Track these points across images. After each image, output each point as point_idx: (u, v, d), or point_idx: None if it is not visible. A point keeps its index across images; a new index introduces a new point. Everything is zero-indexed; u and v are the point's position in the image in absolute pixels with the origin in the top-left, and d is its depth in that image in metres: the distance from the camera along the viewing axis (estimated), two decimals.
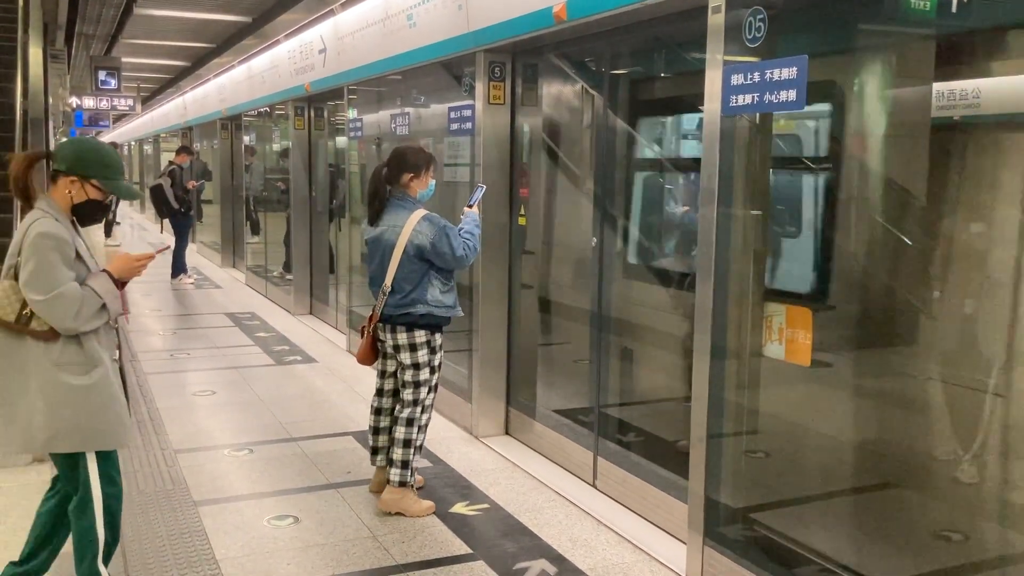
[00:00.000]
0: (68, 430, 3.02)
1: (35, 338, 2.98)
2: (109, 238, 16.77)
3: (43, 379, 2.99)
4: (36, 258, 2.94)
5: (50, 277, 2.94)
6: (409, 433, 4.33)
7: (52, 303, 2.93)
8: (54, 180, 3.14)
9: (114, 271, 3.15)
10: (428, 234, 4.21)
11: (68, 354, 3.02)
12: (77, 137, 3.57)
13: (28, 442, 3.04)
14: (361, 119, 8.00)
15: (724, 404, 3.68)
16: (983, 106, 3.35)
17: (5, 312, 2.97)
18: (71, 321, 2.97)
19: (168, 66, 15.06)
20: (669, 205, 5.31)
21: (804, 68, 3.07)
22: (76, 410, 3.02)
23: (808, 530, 3.74)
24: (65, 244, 3.00)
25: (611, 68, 5.06)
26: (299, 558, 3.85)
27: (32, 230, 2.97)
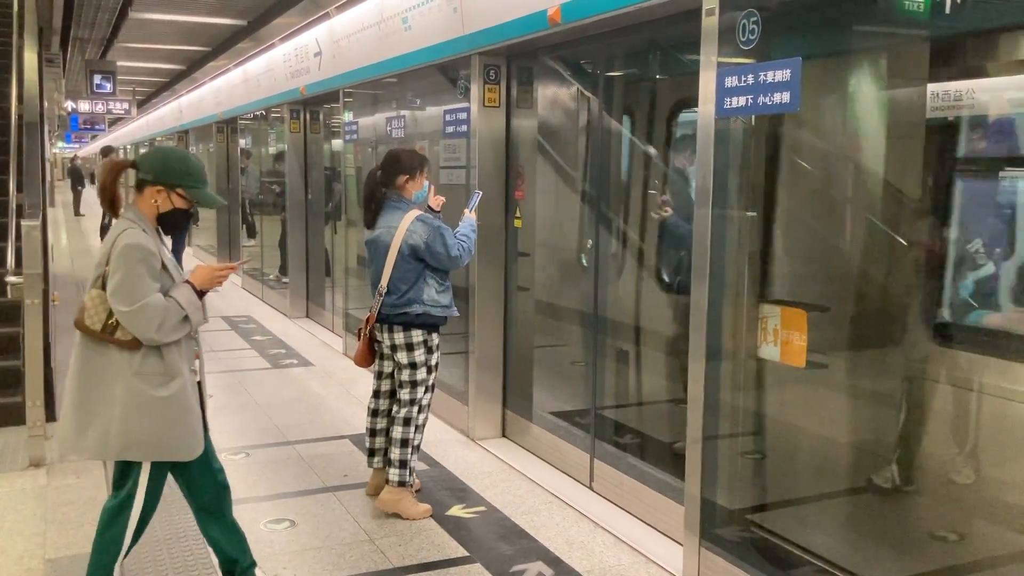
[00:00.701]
0: (142, 440, 3.04)
1: (118, 347, 3.02)
2: None
3: (123, 388, 3.01)
4: (123, 269, 2.98)
5: (136, 289, 2.98)
6: (406, 433, 4.34)
7: (137, 314, 2.97)
8: (139, 190, 3.16)
9: (196, 282, 3.17)
10: (422, 234, 4.23)
11: (149, 364, 3.04)
12: (161, 146, 3.59)
13: (102, 449, 3.07)
14: (357, 122, 8.00)
15: (720, 405, 3.69)
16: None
17: (92, 321, 3.02)
18: (154, 332, 2.99)
19: (163, 70, 15.06)
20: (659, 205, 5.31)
21: (798, 70, 3.07)
22: (152, 420, 3.03)
23: (804, 531, 3.75)
24: (151, 256, 3.03)
25: (606, 70, 5.07)
26: (296, 562, 3.85)
27: (120, 241, 3.01)
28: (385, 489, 4.36)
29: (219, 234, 14.51)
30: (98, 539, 3.17)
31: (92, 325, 3.02)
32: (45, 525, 4.09)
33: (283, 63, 9.51)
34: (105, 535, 3.15)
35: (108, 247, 3.05)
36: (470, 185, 5.57)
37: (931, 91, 3.61)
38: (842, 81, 3.82)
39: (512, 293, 5.62)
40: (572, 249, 5.91)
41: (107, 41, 11.72)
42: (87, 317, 3.03)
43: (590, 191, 5.12)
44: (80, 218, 23.91)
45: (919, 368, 3.75)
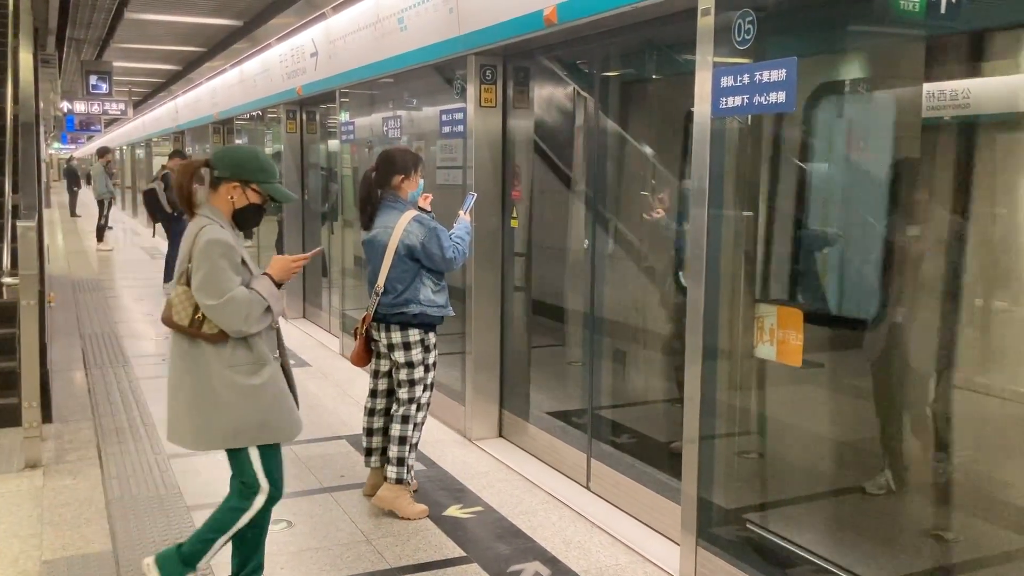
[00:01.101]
0: (245, 426, 3.16)
1: (207, 341, 3.11)
2: (101, 243, 16.72)
3: (218, 380, 3.12)
4: (207, 264, 3.07)
5: (220, 282, 3.06)
6: (405, 430, 4.34)
7: (223, 307, 3.05)
8: (215, 187, 3.22)
9: (274, 273, 3.28)
10: (418, 234, 4.24)
11: (238, 355, 3.14)
12: (234, 144, 3.63)
13: (211, 440, 3.19)
14: (353, 122, 8.00)
15: (716, 405, 3.69)
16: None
17: (179, 316, 3.11)
18: (241, 324, 3.09)
19: (159, 70, 15.04)
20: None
21: (793, 70, 3.08)
22: (251, 407, 3.15)
23: (801, 530, 3.75)
24: (232, 250, 3.12)
25: (602, 70, 5.07)
26: (293, 562, 3.85)
27: (201, 237, 3.09)
28: (383, 486, 4.36)
29: None
30: (210, 522, 3.26)
31: (180, 320, 3.11)
32: (41, 527, 4.08)
33: (279, 63, 9.51)
34: (219, 520, 3.26)
35: (189, 244, 3.13)
36: (467, 185, 5.57)
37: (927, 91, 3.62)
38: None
39: (509, 293, 5.62)
40: (570, 249, 5.91)
41: (103, 41, 11.71)
42: (174, 313, 3.12)
43: (587, 191, 5.12)
44: (76, 219, 23.89)
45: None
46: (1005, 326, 3.39)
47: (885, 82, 3.78)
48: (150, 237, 18.75)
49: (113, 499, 4.46)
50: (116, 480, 4.73)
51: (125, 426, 5.71)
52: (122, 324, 9.30)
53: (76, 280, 12.39)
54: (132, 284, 12.42)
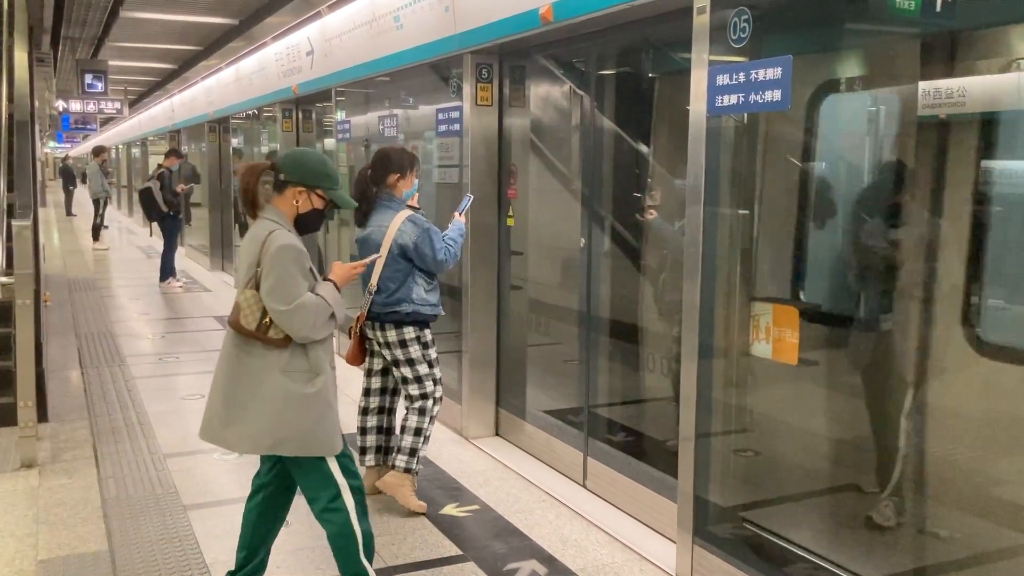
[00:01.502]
0: (292, 435, 3.11)
1: (268, 345, 3.10)
2: (97, 242, 16.70)
3: (272, 385, 3.09)
4: (278, 270, 3.05)
5: (291, 288, 3.06)
6: (422, 422, 4.39)
7: (293, 313, 3.05)
8: (280, 190, 3.21)
9: (337, 279, 3.25)
10: (411, 234, 4.25)
11: (295, 362, 3.12)
12: (301, 149, 3.61)
13: (254, 444, 3.15)
14: (349, 121, 7.99)
15: (713, 403, 3.69)
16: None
17: (247, 320, 3.10)
18: (309, 330, 3.08)
19: (155, 69, 15.01)
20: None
21: (789, 68, 3.08)
22: (300, 416, 3.11)
23: (797, 527, 3.75)
24: (303, 256, 3.12)
25: (598, 69, 5.07)
26: (289, 561, 3.85)
27: (272, 242, 3.07)
28: (390, 473, 4.41)
29: (211, 234, 14.47)
30: (333, 543, 3.23)
31: (248, 325, 3.10)
32: (37, 526, 4.08)
33: (275, 62, 9.49)
34: (339, 537, 3.21)
35: (257, 248, 3.09)
36: (463, 184, 5.57)
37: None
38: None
39: (505, 292, 5.62)
40: (565, 248, 5.90)
41: (98, 40, 11.68)
42: (243, 317, 3.10)
43: (583, 189, 5.12)
44: (72, 218, 23.85)
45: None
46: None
47: (880, 80, 3.79)
48: (146, 236, 18.73)
49: (109, 498, 4.46)
50: (112, 480, 4.73)
51: (121, 425, 5.71)
52: (118, 323, 9.28)
53: (72, 279, 12.37)
54: (128, 283, 12.40)
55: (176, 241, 12.40)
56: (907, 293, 3.66)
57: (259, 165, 3.24)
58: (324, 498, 3.20)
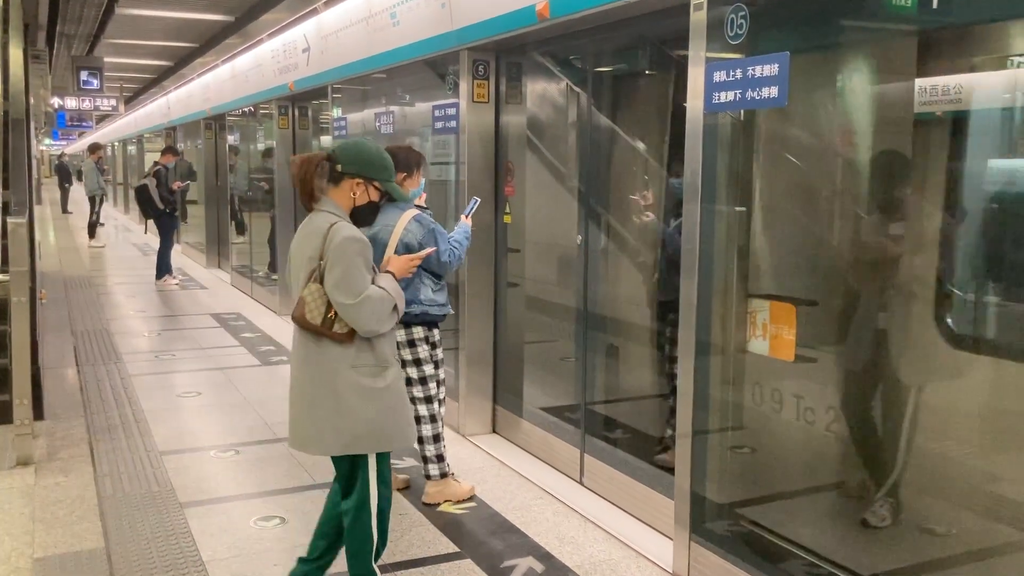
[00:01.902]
0: (368, 431, 3.08)
1: (334, 340, 3.04)
2: (93, 239, 16.67)
3: (343, 382, 3.05)
4: (344, 262, 3.00)
5: (357, 281, 3.00)
6: (435, 428, 4.45)
7: (360, 307, 2.99)
8: (336, 182, 3.16)
9: (396, 271, 3.23)
10: (417, 234, 4.24)
11: (362, 357, 3.08)
12: (357, 140, 3.55)
13: (329, 444, 3.10)
14: (346, 118, 7.98)
15: (709, 400, 3.69)
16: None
17: (312, 315, 3.03)
18: (376, 323, 3.04)
19: (151, 66, 14.98)
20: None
21: (786, 65, 3.08)
22: (374, 412, 3.08)
23: (794, 524, 3.76)
24: (367, 248, 3.08)
25: (595, 66, 5.07)
26: (286, 559, 3.84)
27: (336, 234, 3.02)
28: (428, 484, 4.48)
29: (208, 231, 14.46)
30: (348, 539, 3.21)
31: (313, 320, 3.03)
32: (33, 524, 4.07)
33: (271, 59, 9.48)
34: (354, 534, 3.18)
35: (320, 241, 3.03)
36: (460, 181, 5.56)
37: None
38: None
39: (502, 289, 5.62)
40: (564, 245, 5.90)
41: (94, 37, 11.64)
42: (307, 312, 3.03)
43: (580, 186, 5.12)
44: (68, 215, 23.81)
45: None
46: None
47: (877, 77, 3.78)
48: (142, 233, 18.70)
49: (105, 496, 4.45)
50: (108, 477, 4.72)
51: (117, 423, 5.70)
52: (114, 321, 9.27)
53: (68, 277, 12.35)
54: (124, 281, 12.38)
55: (172, 238, 12.39)
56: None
57: (316, 156, 3.17)
58: (359, 497, 3.17)
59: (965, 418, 3.47)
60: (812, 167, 3.98)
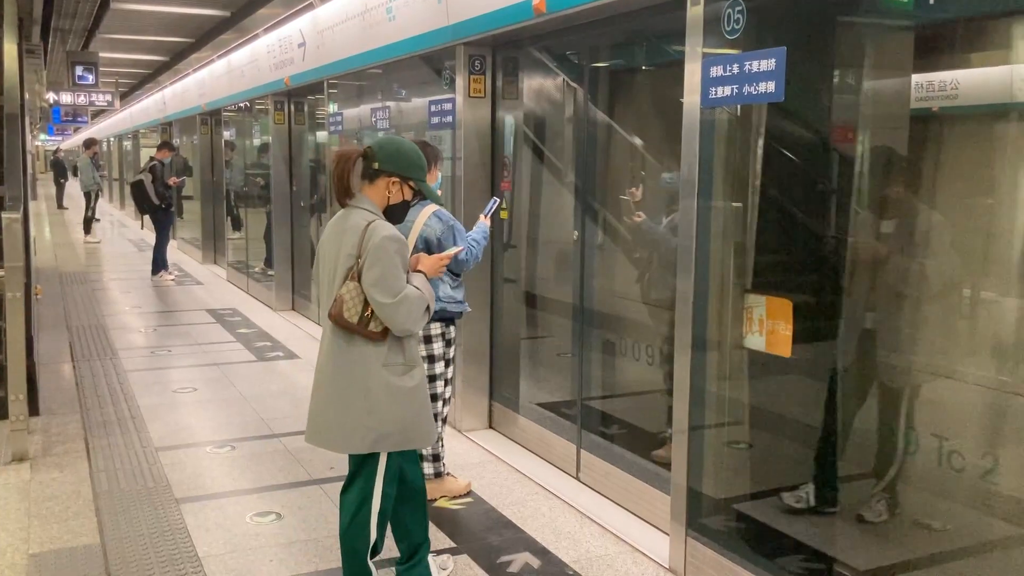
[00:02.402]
0: (395, 430, 3.09)
1: (368, 339, 3.04)
2: (88, 235, 16.63)
3: (374, 380, 3.06)
4: (383, 262, 2.99)
5: (396, 281, 3.01)
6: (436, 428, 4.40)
7: (397, 306, 3.00)
8: (372, 179, 3.15)
9: (427, 270, 3.22)
10: (437, 229, 4.22)
11: (393, 355, 3.09)
12: (394, 138, 3.52)
13: (357, 442, 3.09)
14: (341, 113, 7.96)
15: (706, 396, 3.70)
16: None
17: (350, 313, 3.02)
18: (411, 323, 3.05)
19: (146, 61, 14.94)
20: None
21: (782, 60, 3.07)
22: (402, 410, 3.09)
23: (790, 519, 3.76)
24: (405, 247, 3.08)
25: (591, 61, 5.06)
26: (282, 554, 3.84)
27: (375, 233, 3.01)
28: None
29: (203, 227, 14.43)
30: (344, 532, 3.20)
31: (350, 318, 3.02)
32: (28, 520, 4.07)
33: (267, 54, 9.45)
34: (351, 530, 3.18)
35: (357, 238, 3.02)
36: (456, 177, 5.55)
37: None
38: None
39: (498, 285, 5.61)
40: (560, 240, 5.90)
41: (89, 32, 11.61)
42: (345, 310, 3.02)
43: (576, 181, 5.11)
44: (63, 211, 23.76)
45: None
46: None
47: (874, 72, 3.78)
48: (138, 229, 18.67)
49: (101, 492, 4.44)
50: (104, 473, 4.71)
51: (113, 419, 5.69)
52: (110, 317, 9.25)
53: (63, 273, 12.32)
54: (120, 277, 12.36)
55: (168, 234, 12.37)
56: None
57: (353, 152, 3.15)
58: (362, 493, 3.17)
59: None
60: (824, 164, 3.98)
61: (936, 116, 3.56)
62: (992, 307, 3.33)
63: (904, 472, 3.63)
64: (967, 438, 3.43)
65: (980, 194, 3.41)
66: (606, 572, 3.72)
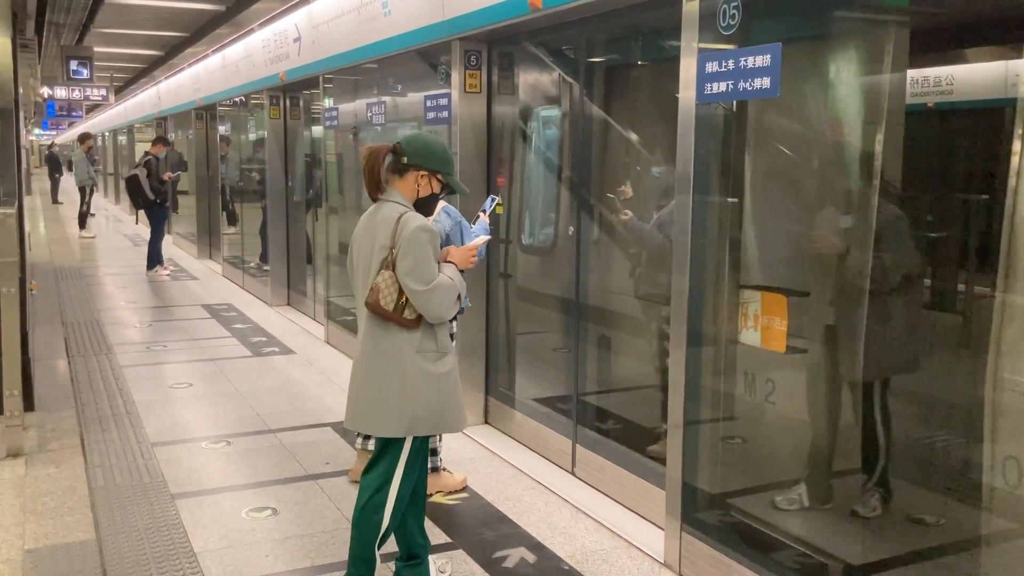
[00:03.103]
0: (428, 414, 3.18)
1: (402, 326, 3.14)
2: (83, 230, 16.59)
3: (408, 366, 3.15)
4: (416, 251, 3.09)
5: (429, 269, 3.11)
6: None
7: (431, 294, 3.10)
8: (401, 173, 3.22)
9: (458, 262, 3.29)
10: (446, 224, 4.22)
11: (426, 342, 3.18)
12: (422, 133, 3.54)
13: (392, 425, 3.17)
14: (337, 108, 7.94)
15: (701, 390, 3.70)
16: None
17: (386, 301, 3.11)
18: (443, 310, 3.15)
19: (141, 55, 14.89)
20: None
21: (778, 56, 3.07)
22: (434, 396, 3.18)
23: (784, 514, 3.77)
24: (436, 238, 3.17)
25: (587, 56, 5.05)
26: (278, 550, 3.84)
27: (408, 223, 3.10)
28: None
29: (199, 222, 14.41)
30: (358, 516, 3.24)
31: (386, 306, 3.11)
32: (24, 516, 4.06)
33: (262, 49, 9.42)
34: (366, 514, 3.23)
35: (390, 229, 3.11)
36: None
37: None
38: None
39: (494, 280, 5.61)
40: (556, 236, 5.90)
41: (83, 26, 11.56)
42: (382, 298, 3.11)
43: (572, 177, 5.11)
44: (58, 206, 23.69)
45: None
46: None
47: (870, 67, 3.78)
48: (133, 224, 18.63)
49: (96, 488, 4.44)
50: (99, 469, 4.71)
51: (108, 414, 5.68)
52: (105, 312, 9.24)
53: (58, 268, 12.29)
54: (115, 272, 12.33)
55: (163, 229, 12.34)
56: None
57: (382, 148, 3.23)
58: (383, 476, 3.24)
59: None
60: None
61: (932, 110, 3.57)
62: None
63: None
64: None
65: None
66: (601, 567, 3.72)
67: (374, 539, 3.23)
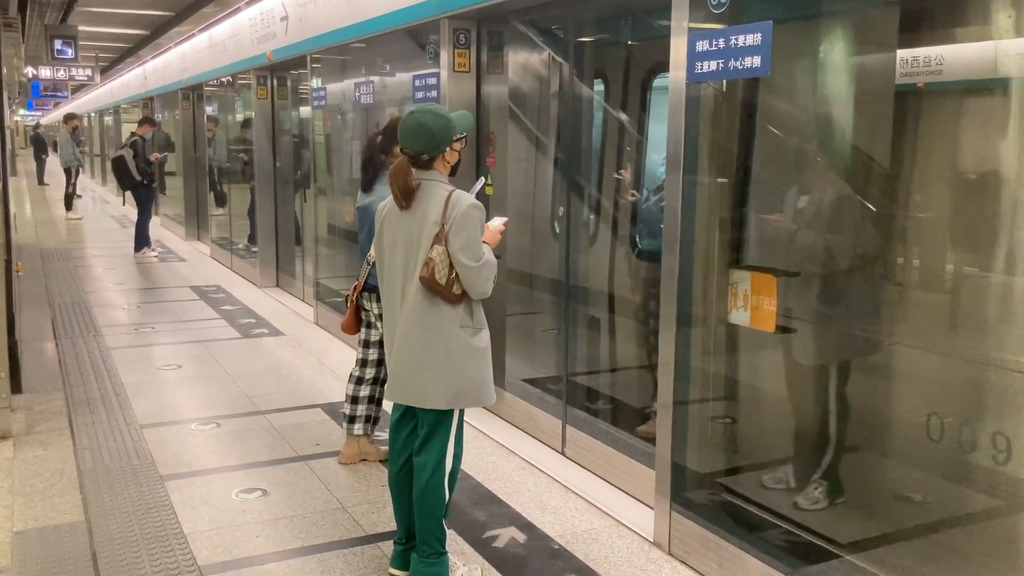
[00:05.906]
0: (470, 387, 3.27)
1: (448, 301, 3.20)
2: (70, 211, 16.48)
3: (453, 339, 3.23)
4: (469, 228, 3.17)
5: (479, 246, 3.21)
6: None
7: (480, 270, 3.19)
8: (429, 167, 3.26)
9: (489, 241, 3.35)
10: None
11: (467, 318, 3.27)
12: (419, 118, 3.42)
13: (439, 398, 3.24)
14: (325, 88, 7.88)
15: (690, 370, 3.71)
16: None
17: (440, 276, 3.17)
18: (488, 286, 3.24)
19: (127, 35, 14.76)
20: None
21: (768, 34, 3.06)
22: (476, 369, 3.28)
23: (773, 494, 3.80)
24: (484, 216, 3.26)
25: (577, 35, 5.02)
26: (268, 531, 3.85)
27: (460, 202, 3.17)
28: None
29: (186, 203, 14.32)
30: (421, 495, 3.28)
31: (440, 279, 3.16)
32: (12, 498, 4.05)
33: (249, 28, 9.34)
34: (428, 491, 3.27)
35: (441, 206, 3.16)
36: None
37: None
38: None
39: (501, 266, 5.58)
40: (545, 216, 5.89)
41: (67, 5, 11.44)
42: (437, 272, 3.16)
43: (561, 156, 5.09)
44: (44, 187, 23.51)
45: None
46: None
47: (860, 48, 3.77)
48: (120, 205, 18.50)
49: (85, 470, 4.43)
50: (88, 450, 4.69)
51: (96, 396, 5.66)
52: (92, 294, 9.18)
53: (44, 249, 12.21)
54: (102, 253, 12.26)
55: (150, 210, 12.25)
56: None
57: (403, 166, 3.20)
58: (438, 453, 3.29)
59: None
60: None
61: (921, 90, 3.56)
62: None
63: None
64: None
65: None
66: (591, 546, 3.74)
67: (441, 514, 3.31)
